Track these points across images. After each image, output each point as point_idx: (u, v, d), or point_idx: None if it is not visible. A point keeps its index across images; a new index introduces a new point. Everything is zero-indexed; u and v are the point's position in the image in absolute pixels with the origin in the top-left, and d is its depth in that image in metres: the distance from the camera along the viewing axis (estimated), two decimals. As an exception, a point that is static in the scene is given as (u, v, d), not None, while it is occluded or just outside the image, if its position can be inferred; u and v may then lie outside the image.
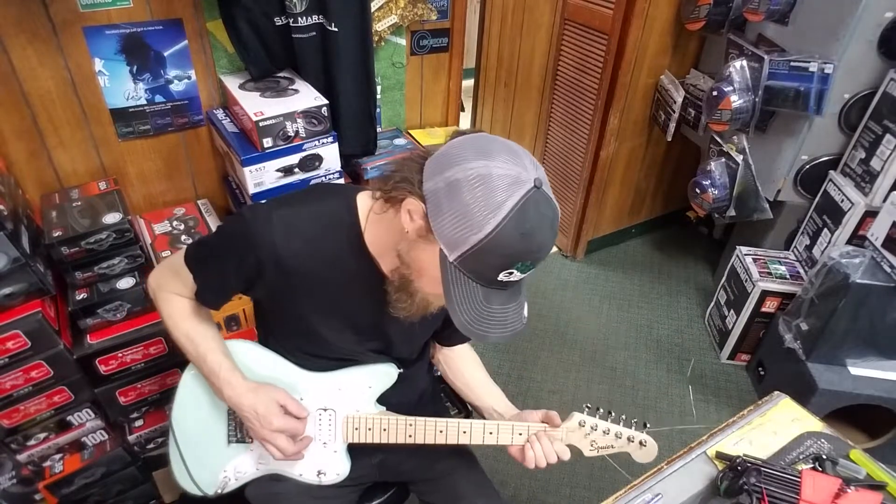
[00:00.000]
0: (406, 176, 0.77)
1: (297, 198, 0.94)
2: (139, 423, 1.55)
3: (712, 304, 2.52)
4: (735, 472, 0.91)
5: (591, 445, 1.00)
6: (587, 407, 1.00)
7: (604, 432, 0.99)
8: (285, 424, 0.95)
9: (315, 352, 1.02)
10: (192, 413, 1.05)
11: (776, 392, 1.14)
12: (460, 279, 0.73)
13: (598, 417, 1.00)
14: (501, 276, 0.73)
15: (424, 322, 0.93)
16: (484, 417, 1.11)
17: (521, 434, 1.00)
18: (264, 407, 0.95)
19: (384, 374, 1.05)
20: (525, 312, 0.80)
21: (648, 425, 1.00)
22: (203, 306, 1.01)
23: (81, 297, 1.36)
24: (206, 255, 0.95)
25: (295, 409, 0.97)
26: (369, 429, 1.03)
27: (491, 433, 1.00)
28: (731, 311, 2.31)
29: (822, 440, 1.03)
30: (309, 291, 0.92)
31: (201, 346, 0.98)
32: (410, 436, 1.02)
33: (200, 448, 1.04)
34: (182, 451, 1.03)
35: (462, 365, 1.19)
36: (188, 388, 1.05)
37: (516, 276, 0.74)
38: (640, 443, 1.00)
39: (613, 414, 1.00)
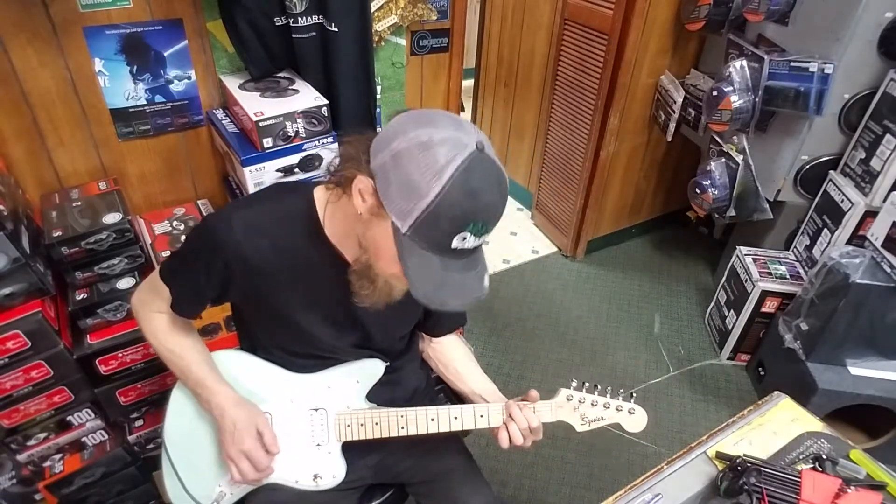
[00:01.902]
0: (351, 155, 0.78)
1: (256, 198, 0.97)
2: (139, 423, 1.55)
3: (712, 304, 2.52)
4: (735, 472, 0.91)
5: (582, 419, 1.01)
6: (574, 381, 1.02)
7: (592, 404, 1.01)
8: (253, 450, 0.96)
9: (299, 349, 1.02)
10: (184, 427, 1.05)
11: (776, 392, 1.14)
12: (415, 250, 0.74)
13: (584, 391, 1.01)
14: (455, 243, 0.73)
15: (401, 312, 0.94)
16: None
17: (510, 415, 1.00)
18: (243, 424, 0.96)
19: (370, 368, 1.05)
20: (486, 282, 0.82)
21: (635, 394, 1.02)
22: (181, 318, 1.02)
23: (81, 297, 1.36)
24: (177, 266, 0.97)
25: (269, 440, 0.98)
26: (361, 424, 1.03)
27: (482, 416, 1.01)
28: (731, 311, 2.31)
29: (822, 440, 1.03)
30: (281, 287, 0.93)
31: (185, 359, 0.99)
32: (403, 427, 1.02)
33: (194, 461, 1.04)
34: (175, 466, 1.03)
35: (451, 356, 1.19)
36: (178, 402, 1.05)
37: (470, 241, 0.74)
38: (629, 411, 1.02)
39: (599, 387, 1.02)
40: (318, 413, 1.04)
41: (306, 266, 0.91)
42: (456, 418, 1.01)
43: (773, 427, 1.06)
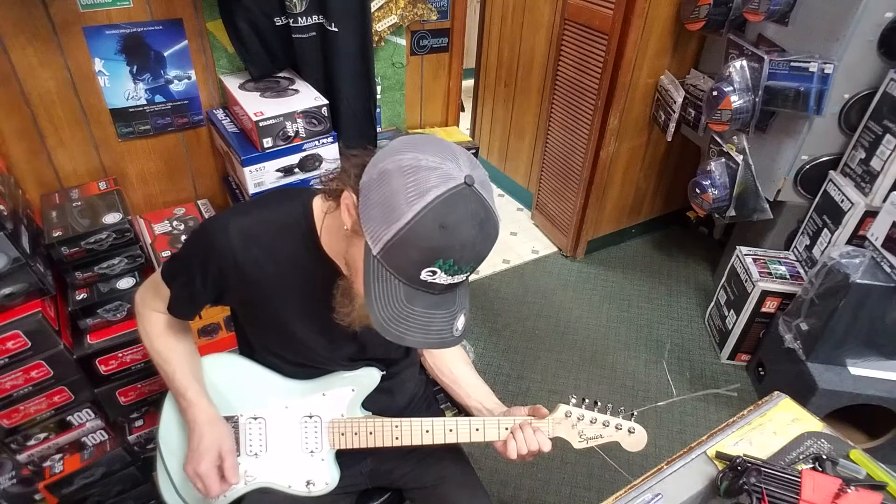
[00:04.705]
0: (345, 169, 0.76)
1: (254, 204, 0.95)
2: (139, 423, 1.55)
3: (712, 304, 2.52)
4: (735, 472, 0.91)
5: (580, 436, 0.99)
6: (573, 398, 1.00)
7: (591, 422, 0.98)
8: (207, 474, 0.93)
9: (292, 358, 1.02)
10: (177, 429, 1.04)
11: (776, 392, 1.14)
12: (382, 274, 0.70)
13: (584, 408, 0.99)
14: (424, 275, 0.69)
15: None
16: (472, 415, 1.10)
17: (507, 429, 0.99)
18: (206, 445, 0.94)
19: (366, 377, 1.05)
20: (459, 325, 0.76)
21: (636, 413, 1.00)
22: (178, 319, 1.02)
23: (81, 297, 1.36)
24: (176, 268, 0.96)
25: (229, 467, 0.95)
26: (355, 433, 1.02)
27: (477, 430, 1.00)
28: (731, 311, 2.31)
29: (822, 440, 1.03)
30: (276, 296, 0.92)
31: (171, 364, 0.99)
32: (397, 437, 1.01)
33: None
34: (168, 468, 1.03)
35: (448, 361, 1.18)
36: (173, 405, 1.05)
37: (441, 277, 0.70)
38: (629, 430, 0.99)
39: (600, 403, 1.00)
40: (313, 420, 1.03)
41: (302, 276, 0.91)
42: (451, 430, 1.00)
43: (773, 427, 1.06)
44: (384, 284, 0.71)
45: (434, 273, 0.69)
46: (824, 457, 0.98)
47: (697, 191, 2.26)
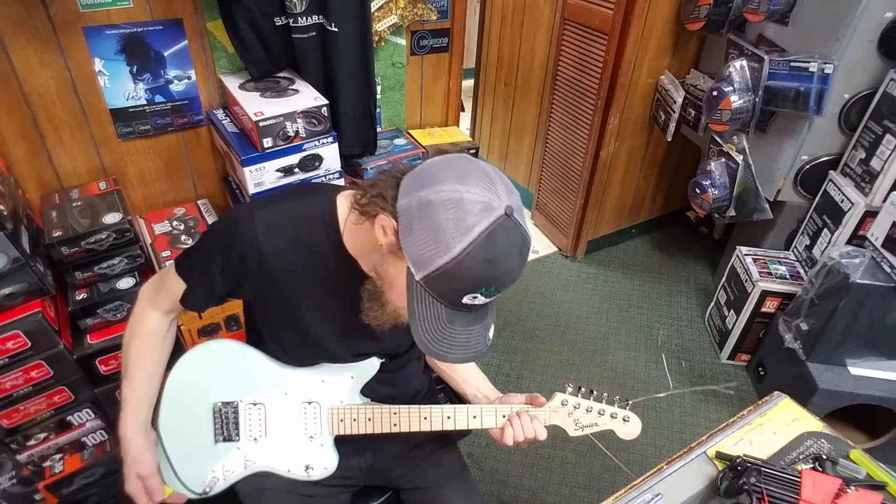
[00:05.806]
0: (381, 192, 0.78)
1: (280, 197, 0.97)
2: (139, 423, 1.55)
3: (712, 304, 2.52)
4: (735, 472, 0.91)
5: (576, 424, 1.02)
6: (569, 386, 1.02)
7: (586, 410, 1.01)
8: (134, 490, 0.97)
9: (297, 353, 1.03)
10: (177, 414, 1.04)
11: (776, 392, 1.14)
12: (425, 298, 0.74)
13: (580, 396, 1.01)
14: (466, 300, 0.74)
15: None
16: (468, 401, 1.12)
17: (504, 416, 1.01)
18: (139, 460, 0.97)
19: (366, 365, 1.06)
20: (490, 334, 0.81)
21: (630, 401, 1.02)
22: (165, 329, 1.02)
23: (81, 297, 1.36)
24: (193, 258, 0.96)
25: (151, 487, 0.98)
26: (354, 419, 1.03)
27: (475, 417, 1.01)
28: (731, 311, 2.31)
29: (822, 440, 1.03)
30: (295, 289, 0.93)
31: (131, 385, 0.99)
32: (395, 424, 1.02)
33: (187, 448, 1.04)
34: (168, 453, 1.03)
35: None
36: (172, 390, 1.05)
37: (481, 300, 0.74)
38: (623, 419, 1.01)
39: (595, 392, 1.02)
40: (312, 406, 1.04)
41: (323, 271, 0.92)
42: (449, 418, 1.01)
43: (773, 427, 1.06)
44: (427, 307, 0.75)
45: (475, 297, 0.73)
46: (824, 457, 0.98)
47: (697, 191, 2.26)
